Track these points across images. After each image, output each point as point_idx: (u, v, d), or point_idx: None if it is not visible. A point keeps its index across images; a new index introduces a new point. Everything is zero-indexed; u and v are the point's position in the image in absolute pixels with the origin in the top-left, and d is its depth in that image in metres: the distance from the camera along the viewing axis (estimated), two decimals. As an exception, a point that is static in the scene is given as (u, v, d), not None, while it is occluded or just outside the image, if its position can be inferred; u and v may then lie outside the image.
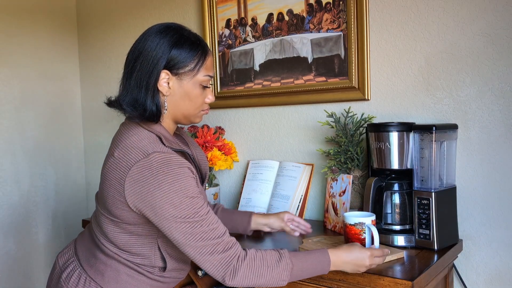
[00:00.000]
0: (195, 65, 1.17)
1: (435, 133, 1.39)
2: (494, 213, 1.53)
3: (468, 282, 1.58)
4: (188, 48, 1.16)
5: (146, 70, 1.14)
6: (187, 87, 1.18)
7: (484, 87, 1.52)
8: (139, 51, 1.16)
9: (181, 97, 1.18)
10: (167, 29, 1.17)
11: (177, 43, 1.15)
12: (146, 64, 1.14)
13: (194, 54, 1.17)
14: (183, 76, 1.17)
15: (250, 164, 2.03)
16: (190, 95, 1.19)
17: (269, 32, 1.97)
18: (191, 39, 1.18)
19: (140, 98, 1.15)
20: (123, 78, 1.20)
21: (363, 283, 1.22)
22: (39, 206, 2.59)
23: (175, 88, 1.17)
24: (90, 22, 2.73)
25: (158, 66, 1.14)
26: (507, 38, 1.47)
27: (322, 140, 1.87)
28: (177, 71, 1.16)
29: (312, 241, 1.48)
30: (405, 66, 1.66)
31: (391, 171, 1.50)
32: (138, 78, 1.15)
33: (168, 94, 1.17)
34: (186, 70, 1.16)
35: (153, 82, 1.14)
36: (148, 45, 1.15)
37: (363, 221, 1.27)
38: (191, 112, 1.22)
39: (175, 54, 1.14)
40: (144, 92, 1.15)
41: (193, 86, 1.18)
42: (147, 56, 1.14)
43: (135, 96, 1.15)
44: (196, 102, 1.21)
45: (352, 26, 1.73)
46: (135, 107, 1.15)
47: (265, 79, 2.00)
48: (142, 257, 1.20)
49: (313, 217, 1.91)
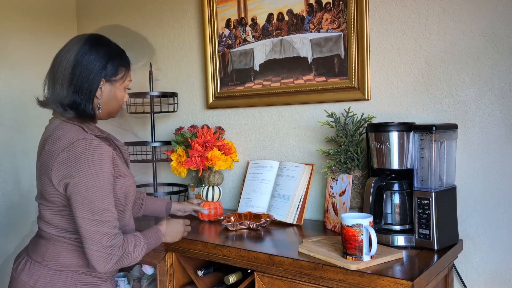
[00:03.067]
0: (124, 73, 1.43)
1: (435, 133, 1.39)
2: (494, 213, 1.53)
3: (468, 282, 1.58)
4: (120, 59, 1.41)
5: (87, 79, 1.35)
6: (116, 91, 1.42)
7: (484, 87, 1.52)
8: (76, 61, 1.35)
9: (110, 99, 1.42)
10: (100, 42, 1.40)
11: (112, 55, 1.39)
12: (87, 74, 1.35)
13: (124, 65, 1.43)
14: (114, 83, 1.41)
15: (250, 164, 2.03)
16: (117, 97, 1.43)
17: (269, 32, 1.97)
18: (119, 51, 1.43)
19: (81, 101, 1.35)
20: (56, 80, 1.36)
21: (363, 283, 1.22)
22: (39, 206, 2.59)
23: (106, 92, 1.40)
24: (90, 22, 2.73)
25: (99, 76, 1.36)
26: (507, 38, 1.47)
27: (322, 140, 1.87)
28: (110, 79, 1.39)
29: (312, 241, 1.48)
30: (405, 66, 1.66)
31: (391, 171, 1.50)
32: (78, 85, 1.35)
33: (100, 97, 1.39)
34: (117, 78, 1.41)
35: (94, 90, 1.37)
36: (88, 58, 1.35)
37: (361, 222, 1.27)
38: (115, 110, 1.46)
39: (111, 64, 1.38)
40: (85, 97, 1.35)
41: (120, 90, 1.43)
42: (88, 67, 1.35)
43: (75, 99, 1.35)
44: (119, 102, 1.45)
45: (352, 26, 1.73)
46: (76, 109, 1.35)
47: (265, 79, 2.00)
48: (76, 234, 1.35)
49: (313, 217, 1.91)
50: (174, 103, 2.26)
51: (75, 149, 1.27)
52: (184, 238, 1.63)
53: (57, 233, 1.38)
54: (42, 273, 1.36)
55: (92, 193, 1.26)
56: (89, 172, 1.26)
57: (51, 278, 1.35)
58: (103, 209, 1.28)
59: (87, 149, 1.27)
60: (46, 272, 1.36)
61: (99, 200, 1.27)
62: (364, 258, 1.26)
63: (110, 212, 1.29)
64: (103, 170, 1.28)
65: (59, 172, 1.28)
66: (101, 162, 1.28)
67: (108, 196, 1.30)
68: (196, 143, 1.94)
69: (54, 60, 1.39)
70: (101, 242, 1.27)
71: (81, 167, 1.26)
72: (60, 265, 1.36)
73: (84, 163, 1.26)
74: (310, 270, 1.32)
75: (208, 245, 1.56)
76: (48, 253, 1.37)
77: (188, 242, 1.62)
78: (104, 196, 1.28)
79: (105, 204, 1.28)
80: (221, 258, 1.53)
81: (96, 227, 1.26)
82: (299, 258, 1.35)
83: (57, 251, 1.37)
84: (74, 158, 1.27)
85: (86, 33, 1.44)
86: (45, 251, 1.38)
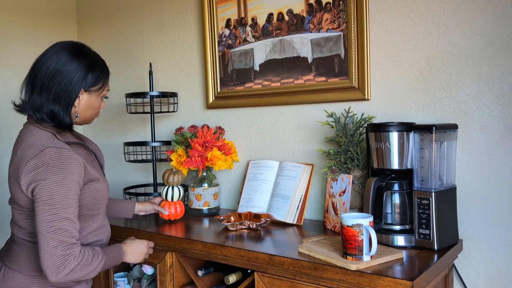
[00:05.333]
0: (103, 84, 1.43)
1: (435, 133, 1.39)
2: (494, 213, 1.53)
3: (468, 282, 1.58)
4: (99, 70, 1.41)
5: (66, 89, 1.35)
6: (93, 100, 1.43)
7: (484, 87, 1.52)
8: (56, 70, 1.35)
9: (87, 107, 1.43)
10: (81, 50, 1.40)
11: (91, 67, 1.39)
12: (66, 83, 1.35)
13: (103, 75, 1.43)
14: (92, 92, 1.41)
15: (250, 164, 2.03)
16: (94, 105, 1.44)
17: (269, 32, 1.97)
18: (99, 62, 1.43)
19: (58, 111, 1.36)
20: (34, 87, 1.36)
21: (363, 283, 1.22)
22: (39, 206, 2.59)
23: (84, 101, 1.41)
24: (90, 22, 2.73)
25: (78, 86, 1.37)
26: (507, 38, 1.47)
27: (322, 140, 1.87)
28: (89, 89, 1.40)
29: (312, 241, 1.48)
30: (405, 66, 1.66)
31: (391, 171, 1.50)
32: (57, 94, 1.35)
33: (78, 106, 1.40)
34: (96, 88, 1.42)
35: (73, 99, 1.37)
36: (67, 68, 1.35)
37: (361, 222, 1.27)
38: (91, 117, 1.47)
39: (90, 76, 1.39)
40: (63, 107, 1.36)
41: (97, 98, 1.44)
42: (67, 77, 1.35)
43: (53, 109, 1.35)
44: (95, 110, 1.47)
45: (352, 26, 1.73)
46: (53, 118, 1.36)
47: (265, 79, 2.00)
48: None
49: (313, 217, 1.91)
50: (174, 103, 2.26)
51: (44, 156, 1.28)
52: (184, 238, 1.63)
53: (28, 238, 1.38)
54: (16, 279, 1.36)
55: (55, 200, 1.26)
56: (54, 179, 1.27)
57: (25, 283, 1.36)
58: (63, 217, 1.27)
59: (56, 157, 1.28)
60: (19, 278, 1.36)
61: (60, 208, 1.27)
62: (364, 258, 1.26)
63: (70, 222, 1.28)
64: (69, 179, 1.29)
65: (27, 178, 1.29)
66: (68, 171, 1.29)
67: (71, 205, 1.29)
68: (196, 143, 1.94)
69: (34, 65, 1.38)
70: (56, 249, 1.25)
71: (48, 174, 1.27)
72: (33, 270, 1.36)
73: (51, 170, 1.27)
74: (310, 270, 1.32)
75: (208, 245, 1.56)
76: (20, 258, 1.38)
77: (188, 242, 1.62)
78: (66, 205, 1.28)
79: (66, 213, 1.28)
80: (221, 258, 1.53)
81: (52, 234, 1.25)
82: (299, 258, 1.35)
83: (29, 256, 1.37)
84: (42, 165, 1.27)
85: (67, 41, 1.43)
86: (18, 257, 1.38)
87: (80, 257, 1.29)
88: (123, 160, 2.42)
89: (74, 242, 1.29)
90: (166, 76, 2.37)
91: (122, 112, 2.57)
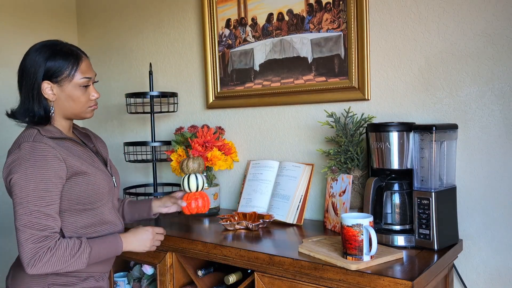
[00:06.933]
0: (69, 71, 1.38)
1: (435, 133, 1.39)
2: (494, 213, 1.53)
3: (468, 282, 1.58)
4: (60, 59, 1.38)
5: (29, 83, 1.37)
6: (68, 91, 1.39)
7: (484, 87, 1.52)
8: (22, 68, 1.39)
9: (66, 99, 1.40)
10: (42, 47, 1.40)
11: (50, 57, 1.37)
12: (28, 78, 1.37)
13: (67, 63, 1.38)
14: (62, 83, 1.38)
15: (250, 164, 2.03)
16: (72, 96, 1.40)
17: (269, 32, 1.97)
18: (63, 50, 1.39)
19: (30, 107, 1.38)
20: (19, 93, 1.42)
21: (363, 283, 1.22)
22: (39, 206, 2.59)
23: (58, 94, 1.39)
24: (90, 22, 2.73)
25: (38, 78, 1.36)
26: (507, 38, 1.47)
27: (322, 140, 1.87)
28: (56, 79, 1.37)
29: (312, 241, 1.48)
30: (405, 66, 1.66)
31: (391, 171, 1.50)
32: (26, 91, 1.39)
33: (54, 100, 1.39)
34: (63, 77, 1.38)
35: (37, 92, 1.37)
36: (28, 62, 1.38)
37: (361, 222, 1.27)
38: (78, 110, 1.44)
39: (50, 66, 1.37)
40: (31, 101, 1.38)
41: (73, 88, 1.40)
42: (28, 71, 1.37)
43: (26, 106, 1.39)
44: (80, 102, 1.42)
45: (352, 26, 1.73)
46: (26, 115, 1.38)
47: (265, 79, 2.00)
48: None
49: (313, 217, 1.91)
50: (174, 103, 2.26)
51: (20, 152, 1.30)
52: (184, 238, 1.63)
53: None
54: (20, 277, 1.38)
55: (24, 193, 1.27)
56: (25, 172, 1.27)
57: (26, 280, 1.37)
58: (33, 210, 1.27)
59: (30, 151, 1.29)
60: (22, 275, 1.37)
61: (31, 201, 1.27)
62: (364, 258, 1.27)
63: (41, 214, 1.28)
64: (41, 173, 1.28)
65: (5, 173, 1.32)
66: (40, 164, 1.29)
67: (43, 198, 1.28)
68: (196, 143, 1.94)
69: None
70: (27, 242, 1.26)
71: (20, 167, 1.28)
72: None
73: (23, 164, 1.28)
74: (310, 270, 1.32)
75: (208, 245, 1.56)
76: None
77: (188, 242, 1.62)
78: (37, 198, 1.27)
79: (37, 206, 1.27)
80: (221, 258, 1.53)
81: (23, 227, 1.27)
82: (299, 258, 1.35)
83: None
84: (17, 159, 1.30)
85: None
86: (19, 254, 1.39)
87: (55, 249, 1.28)
88: (123, 160, 2.42)
89: (46, 234, 1.28)
90: (166, 76, 2.37)
91: (122, 112, 2.57)
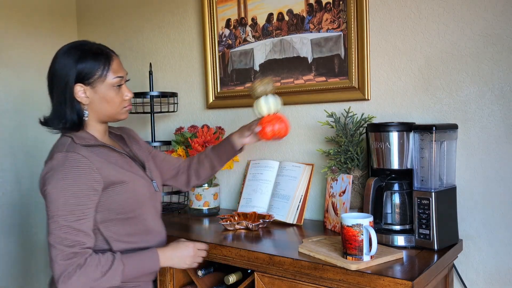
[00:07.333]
0: (101, 71, 1.32)
1: (435, 133, 1.39)
2: (494, 213, 1.53)
3: (468, 282, 1.58)
4: (91, 59, 1.31)
5: (60, 88, 1.31)
6: (101, 92, 1.33)
7: (484, 87, 1.52)
8: (52, 73, 1.33)
9: (100, 101, 1.34)
10: (70, 49, 1.33)
11: (80, 58, 1.31)
12: (59, 83, 1.31)
13: (98, 63, 1.32)
14: (94, 84, 1.32)
15: (250, 164, 2.03)
16: (106, 98, 1.34)
17: (269, 32, 1.97)
18: (92, 50, 1.33)
19: (62, 112, 1.32)
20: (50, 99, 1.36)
21: (363, 283, 1.22)
22: (39, 206, 2.59)
23: (92, 96, 1.33)
24: (90, 22, 2.73)
25: (70, 82, 1.30)
26: (507, 38, 1.47)
27: (322, 140, 1.87)
28: (89, 81, 1.31)
29: (312, 241, 1.48)
30: (405, 66, 1.66)
31: (391, 171, 1.50)
32: (57, 96, 1.32)
33: (88, 103, 1.34)
34: (95, 78, 1.32)
35: (69, 96, 1.31)
36: (57, 66, 1.32)
37: (361, 222, 1.27)
38: (113, 112, 1.37)
39: (81, 68, 1.30)
40: (64, 107, 1.32)
41: (107, 89, 1.34)
42: (58, 76, 1.31)
43: (58, 112, 1.33)
44: (114, 103, 1.36)
45: (352, 26, 1.73)
46: (59, 120, 1.33)
47: (265, 79, 2.00)
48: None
49: (313, 217, 1.91)
50: (174, 103, 2.26)
51: (52, 163, 1.26)
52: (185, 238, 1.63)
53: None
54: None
55: (55, 207, 1.22)
56: (56, 184, 1.22)
57: None
58: (63, 225, 1.21)
59: (62, 162, 1.24)
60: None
61: (61, 215, 1.21)
62: (364, 258, 1.26)
63: (71, 229, 1.22)
64: (72, 185, 1.23)
65: (40, 184, 1.28)
66: (73, 176, 1.23)
67: (74, 212, 1.22)
68: (196, 143, 1.94)
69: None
70: (56, 258, 1.21)
71: (52, 180, 1.23)
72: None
73: (55, 176, 1.23)
74: (310, 270, 1.32)
75: (208, 245, 1.56)
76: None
77: (188, 242, 1.62)
78: (68, 212, 1.22)
79: (67, 220, 1.21)
80: (221, 258, 1.53)
81: (53, 242, 1.21)
82: (299, 258, 1.35)
83: None
84: (50, 170, 1.25)
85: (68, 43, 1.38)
86: None
87: (84, 266, 1.21)
88: (123, 160, 2.41)
89: (76, 251, 1.22)
90: (166, 76, 2.37)
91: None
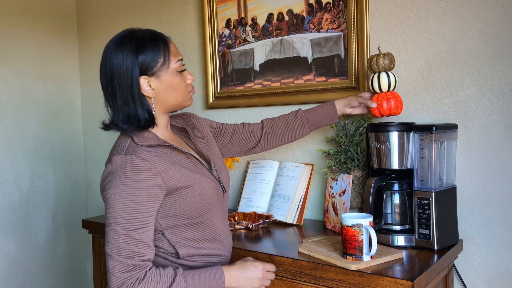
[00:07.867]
0: (163, 58, 1.22)
1: (435, 133, 1.39)
2: (494, 213, 1.53)
3: (468, 282, 1.58)
4: (150, 47, 1.21)
5: (125, 86, 1.19)
6: (167, 80, 1.23)
7: (484, 87, 1.52)
8: (110, 72, 1.20)
9: (166, 91, 1.24)
10: (122, 41, 1.21)
11: (138, 48, 1.20)
12: (122, 80, 1.19)
13: (158, 50, 1.21)
14: (159, 73, 1.22)
15: (250, 164, 2.03)
16: (173, 85, 1.25)
17: (269, 32, 1.97)
18: (148, 37, 1.22)
19: (132, 112, 1.21)
20: (108, 101, 1.25)
21: (363, 283, 1.22)
22: (39, 206, 2.59)
23: (158, 87, 1.23)
24: (90, 22, 2.73)
25: (134, 76, 1.19)
26: (507, 38, 1.47)
27: (322, 140, 1.87)
28: (152, 71, 1.21)
29: (312, 241, 1.48)
30: (405, 66, 1.66)
31: (391, 171, 1.50)
32: (122, 95, 1.20)
33: (154, 95, 1.23)
34: (159, 67, 1.21)
35: (137, 92, 1.20)
36: (115, 62, 1.20)
37: (361, 222, 1.27)
38: (180, 99, 1.28)
39: (143, 59, 1.19)
40: (132, 105, 1.21)
41: (172, 76, 1.24)
42: (119, 72, 1.19)
43: (126, 112, 1.21)
44: (180, 89, 1.27)
45: (352, 26, 1.73)
46: (130, 122, 1.21)
47: (265, 79, 2.00)
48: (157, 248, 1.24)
49: (313, 217, 1.91)
50: (174, 103, 2.26)
51: (112, 166, 1.16)
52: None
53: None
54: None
55: (113, 215, 1.12)
56: (115, 190, 1.13)
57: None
58: (121, 234, 1.11)
59: (121, 166, 1.14)
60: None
61: (119, 223, 1.11)
62: (364, 258, 1.26)
63: (129, 239, 1.11)
64: (133, 191, 1.13)
65: (101, 190, 1.19)
66: (132, 181, 1.13)
67: (133, 220, 1.12)
68: (196, 143, 1.94)
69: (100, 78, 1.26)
70: (114, 270, 1.11)
71: (111, 185, 1.14)
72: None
73: (113, 181, 1.14)
74: (310, 270, 1.32)
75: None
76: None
77: (188, 242, 1.61)
78: (127, 220, 1.12)
79: (126, 229, 1.12)
80: (221, 258, 1.53)
81: (110, 252, 1.12)
82: (299, 258, 1.35)
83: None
84: (109, 175, 1.16)
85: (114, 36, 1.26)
86: None
87: (144, 281, 1.11)
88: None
89: (135, 263, 1.11)
90: (166, 76, 2.37)
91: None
